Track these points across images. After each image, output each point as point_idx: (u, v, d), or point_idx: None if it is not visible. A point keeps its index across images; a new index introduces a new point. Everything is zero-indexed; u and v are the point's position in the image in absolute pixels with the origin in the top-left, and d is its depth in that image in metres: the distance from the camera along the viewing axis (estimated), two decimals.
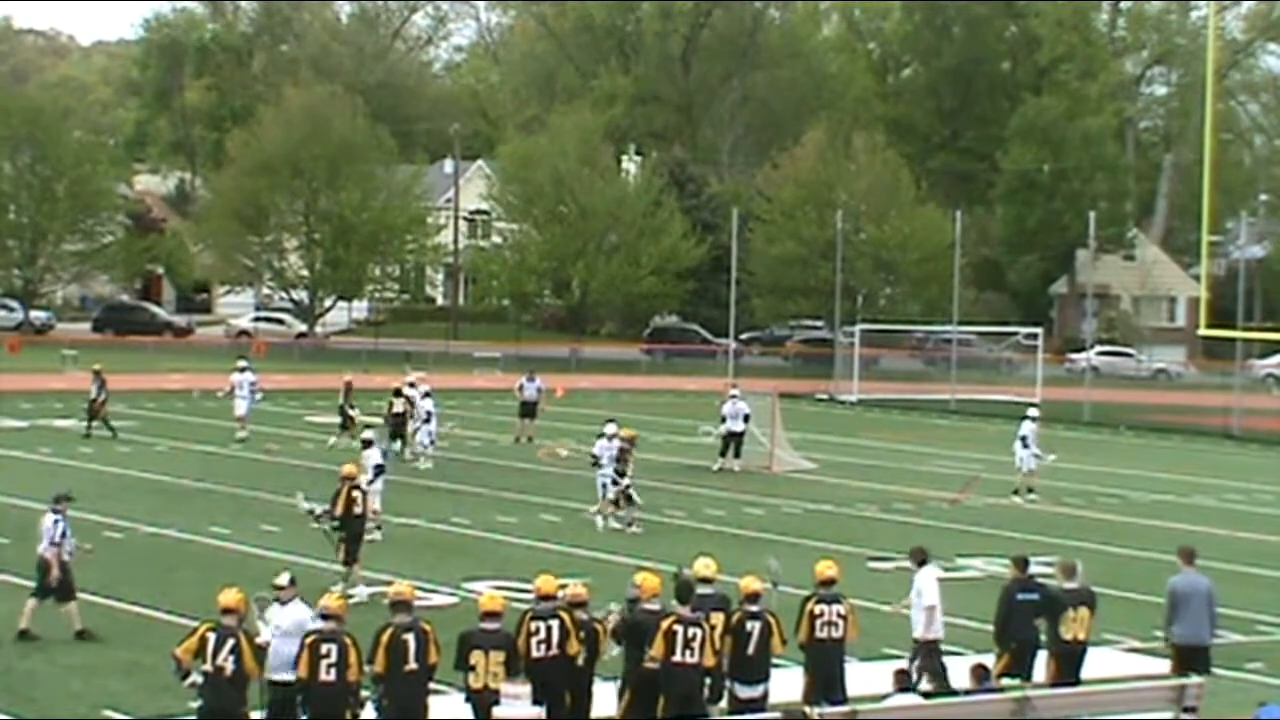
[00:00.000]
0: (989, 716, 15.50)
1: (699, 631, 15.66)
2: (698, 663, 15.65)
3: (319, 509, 23.85)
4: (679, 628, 15.63)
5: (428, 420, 38.01)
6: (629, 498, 30.43)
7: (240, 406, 41.48)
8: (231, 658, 14.71)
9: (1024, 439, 37.65)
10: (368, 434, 29.30)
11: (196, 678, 14.90)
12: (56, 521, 20.81)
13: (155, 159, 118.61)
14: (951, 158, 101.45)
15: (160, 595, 22.86)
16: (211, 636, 14.83)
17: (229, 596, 15.09)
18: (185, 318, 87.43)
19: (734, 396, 40.27)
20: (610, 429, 31.36)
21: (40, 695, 17.89)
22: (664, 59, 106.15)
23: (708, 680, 15.84)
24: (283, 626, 15.77)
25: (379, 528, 27.27)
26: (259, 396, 42.93)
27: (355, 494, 23.48)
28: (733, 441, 39.68)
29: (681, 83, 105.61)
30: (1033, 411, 39.26)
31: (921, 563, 18.71)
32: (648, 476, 37.93)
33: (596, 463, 30.98)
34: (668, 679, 15.63)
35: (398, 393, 39.21)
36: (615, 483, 30.31)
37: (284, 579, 16.24)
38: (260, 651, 15.17)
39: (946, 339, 72.61)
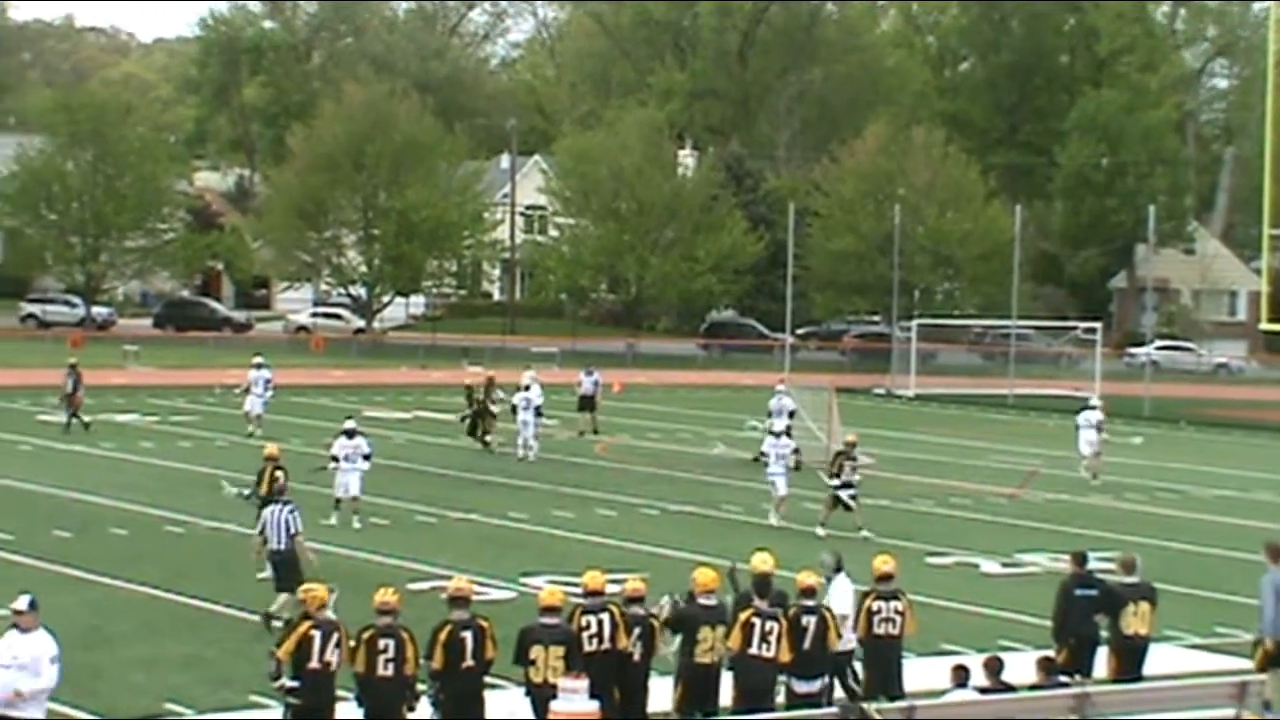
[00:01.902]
0: (1048, 712, 15.43)
1: (776, 625, 15.67)
2: (773, 656, 15.66)
3: (246, 491, 24.41)
4: (757, 620, 15.64)
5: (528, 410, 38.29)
6: (844, 503, 29.54)
7: (254, 404, 41.14)
8: (335, 652, 14.82)
9: (1078, 426, 39.74)
10: (349, 424, 29.73)
11: (288, 681, 14.90)
12: (293, 512, 21.11)
13: (215, 155, 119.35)
14: (1010, 152, 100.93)
15: (220, 590, 23.01)
16: (316, 635, 14.86)
17: (314, 593, 15.18)
18: (244, 313, 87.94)
19: (780, 392, 40.30)
20: (778, 425, 31.94)
21: (103, 689, 18.05)
22: (721, 54, 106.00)
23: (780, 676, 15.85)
24: (19, 658, 13.86)
25: (357, 513, 28.44)
26: (271, 393, 42.10)
27: (278, 474, 23.98)
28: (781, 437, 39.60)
29: (738, 78, 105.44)
30: (1094, 401, 40.87)
31: (836, 570, 17.82)
32: (704, 471, 38.01)
33: (760, 459, 31.01)
34: (742, 671, 15.65)
35: (489, 386, 40.77)
36: (840, 489, 29.52)
37: (23, 602, 14.09)
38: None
39: (1005, 334, 72.31)
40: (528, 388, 38.97)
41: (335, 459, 28.97)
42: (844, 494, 29.60)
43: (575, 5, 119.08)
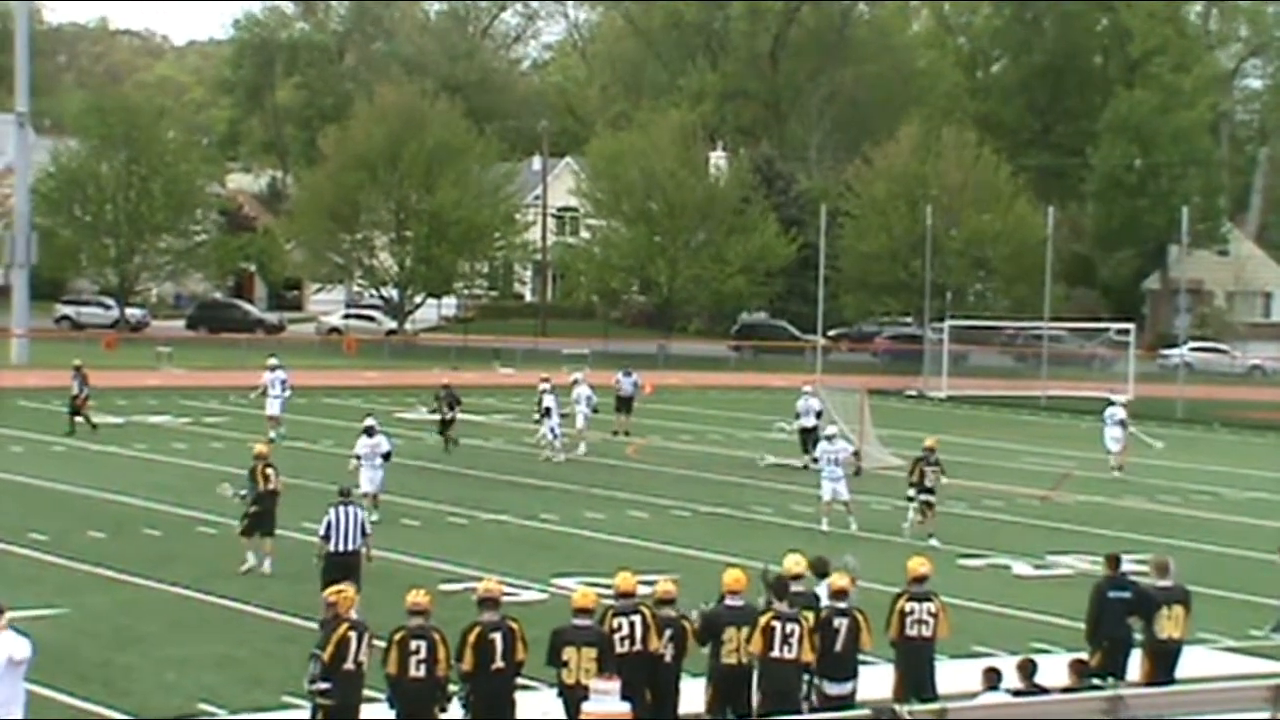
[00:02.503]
0: (1081, 715, 15.37)
1: (797, 627, 15.67)
2: (795, 658, 15.65)
3: (243, 491, 24.84)
4: (777, 623, 15.63)
5: (548, 415, 38.86)
6: (928, 506, 29.34)
7: (273, 406, 41.04)
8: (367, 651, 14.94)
9: (1122, 422, 40.88)
10: (368, 422, 30.13)
11: (323, 684, 14.92)
12: (357, 513, 21.12)
13: (247, 157, 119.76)
14: (1042, 153, 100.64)
15: (251, 590, 23.07)
16: (352, 636, 14.93)
17: (345, 594, 15.20)
18: (277, 315, 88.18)
19: (806, 393, 40.32)
20: (831, 430, 32.04)
21: (136, 688, 18.11)
22: (752, 55, 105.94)
23: (804, 676, 15.83)
24: None
25: (377, 507, 28.68)
26: (288, 394, 41.91)
27: (268, 471, 24.71)
28: (808, 437, 39.68)
29: (770, 79, 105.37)
30: (1118, 398, 42.91)
31: (821, 575, 17.47)
32: (735, 473, 37.98)
33: (812, 466, 31.21)
34: (765, 674, 15.64)
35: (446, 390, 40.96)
36: (921, 493, 29.38)
37: None
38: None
39: (1037, 335, 72.08)
40: (576, 383, 41.07)
41: (358, 458, 29.39)
42: (926, 498, 29.29)
43: (607, 7, 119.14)
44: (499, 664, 15.05)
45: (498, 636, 15.06)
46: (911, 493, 29.67)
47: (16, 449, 37.76)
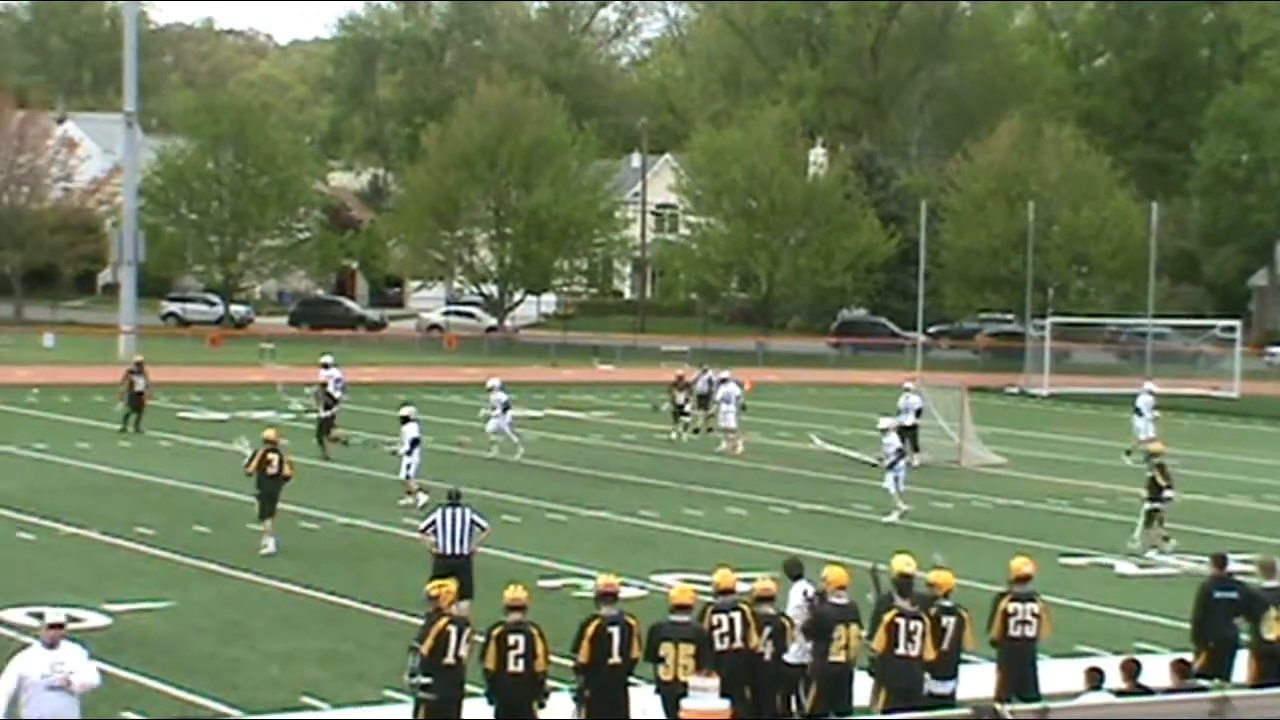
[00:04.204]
0: (1186, 716, 15.20)
1: (920, 624, 15.65)
2: (918, 655, 15.63)
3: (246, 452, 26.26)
4: (901, 621, 15.60)
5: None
6: (1151, 516, 28.60)
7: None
8: (466, 647, 15.04)
9: (1139, 410, 42.55)
10: (406, 410, 30.74)
11: (423, 678, 15.02)
12: (466, 515, 20.80)
13: (349, 155, 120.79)
14: (1147, 149, 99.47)
15: (354, 585, 23.29)
16: (452, 631, 15.02)
17: (446, 588, 15.31)
18: (378, 312, 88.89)
19: (907, 390, 40.13)
20: (885, 422, 32.36)
21: (242, 682, 18.34)
22: (853, 52, 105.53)
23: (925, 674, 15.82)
24: (29, 677, 13.33)
25: (410, 493, 29.82)
26: (345, 396, 40.78)
27: (271, 456, 25.55)
28: (907, 435, 39.46)
29: (870, 75, 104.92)
30: (1150, 385, 44.57)
31: (795, 577, 17.06)
32: (835, 470, 37.85)
33: (886, 463, 31.34)
34: (889, 672, 15.63)
35: (678, 383, 43.30)
36: (1156, 502, 28.73)
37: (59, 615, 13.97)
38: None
39: (1141, 332, 71.30)
40: (724, 381, 41.71)
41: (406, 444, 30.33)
42: (1156, 505, 28.59)
43: (707, 5, 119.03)
44: (615, 659, 15.09)
45: (615, 631, 15.10)
46: (1149, 504, 28.61)
47: (124, 444, 38.33)
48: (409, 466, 30.15)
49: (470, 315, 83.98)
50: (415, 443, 30.20)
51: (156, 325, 77.16)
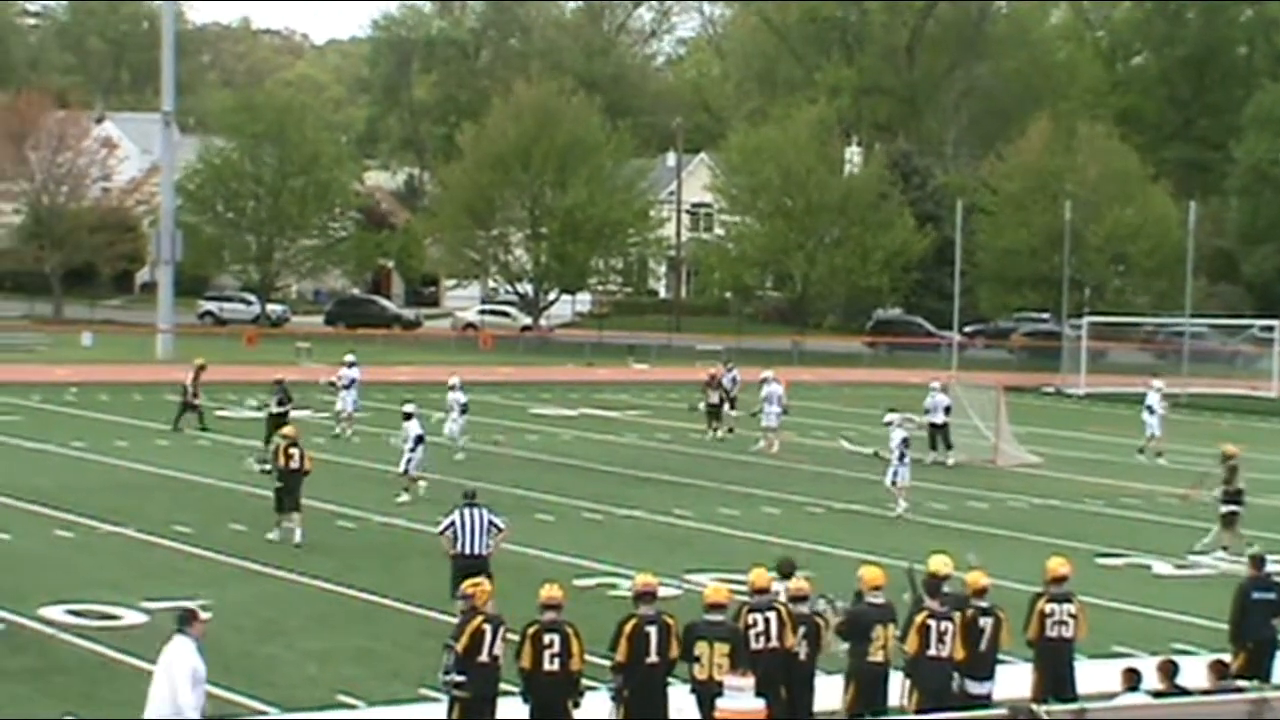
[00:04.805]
0: (1224, 717, 15.14)
1: (950, 625, 15.66)
2: (949, 656, 15.64)
3: (268, 465, 27.01)
4: (932, 622, 15.62)
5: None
6: (1227, 519, 28.55)
7: (347, 402, 40.49)
8: (501, 645, 15.07)
9: (1150, 408, 42.71)
10: (408, 407, 31.29)
11: (458, 676, 15.06)
12: (483, 515, 20.86)
13: (385, 155, 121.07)
14: (1184, 147, 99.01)
15: (390, 584, 23.36)
16: (487, 629, 15.05)
17: (481, 587, 15.33)
18: (414, 311, 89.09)
19: (934, 389, 40.03)
20: (892, 417, 32.34)
21: (278, 680, 18.42)
22: (888, 50, 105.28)
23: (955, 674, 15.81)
24: (174, 665, 14.01)
25: (407, 489, 30.39)
26: (353, 396, 41.06)
27: (292, 451, 26.25)
28: (937, 434, 39.38)
29: (906, 74, 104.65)
30: (1156, 383, 44.34)
31: (786, 576, 16.97)
32: (870, 470, 37.76)
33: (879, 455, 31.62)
34: (920, 673, 15.63)
35: (711, 382, 43.51)
36: (1230, 504, 28.64)
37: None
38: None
39: (1178, 332, 70.99)
40: (766, 380, 41.68)
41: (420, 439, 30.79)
42: (1232, 508, 28.47)
43: (742, 4, 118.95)
44: (653, 658, 15.11)
45: (653, 630, 15.12)
46: (1226, 507, 28.50)
47: (162, 442, 38.52)
48: (409, 462, 30.62)
49: (505, 314, 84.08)
50: (420, 439, 30.68)
51: (193, 324, 77.50)
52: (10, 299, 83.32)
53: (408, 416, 31.03)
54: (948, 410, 39.53)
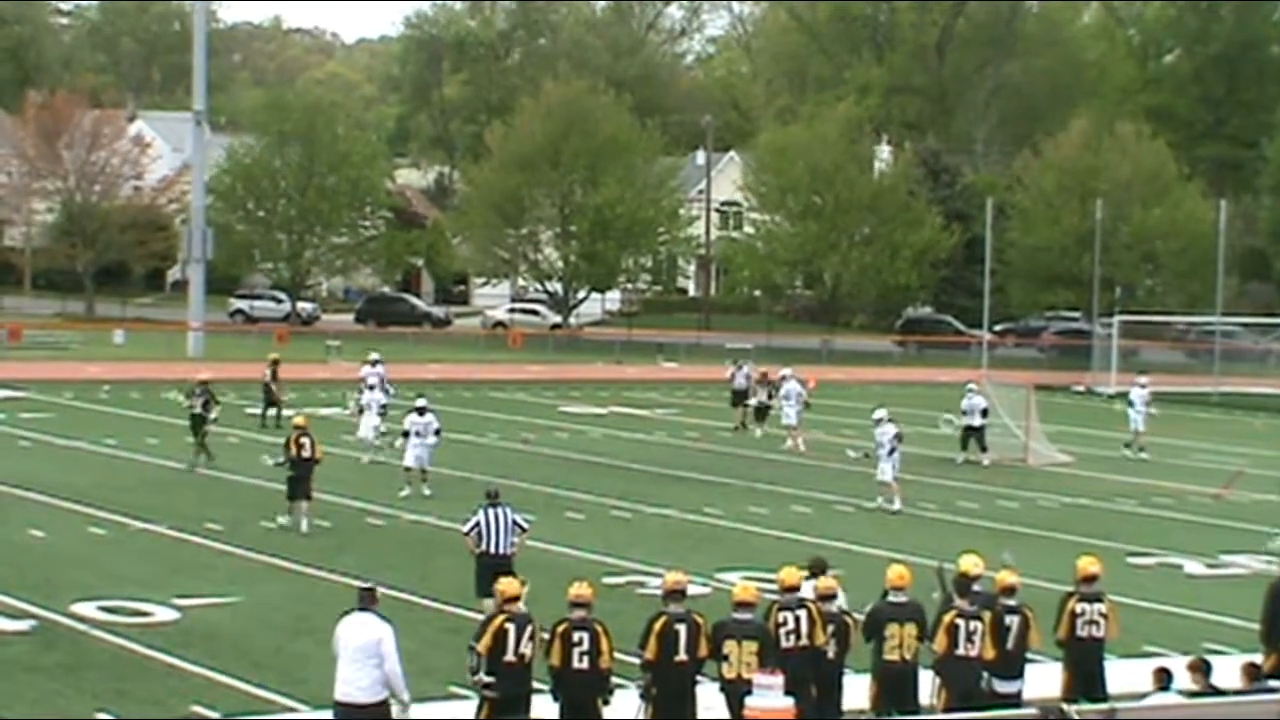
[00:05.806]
0: (1255, 717, 15.07)
1: (979, 625, 15.65)
2: (978, 656, 15.64)
3: (280, 459, 27.79)
4: (960, 621, 15.61)
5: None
6: None
7: (372, 406, 38.22)
8: (530, 644, 15.00)
9: (1132, 403, 42.81)
10: (420, 401, 31.64)
11: (485, 675, 15.03)
12: (508, 514, 20.76)
13: (415, 153, 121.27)
14: (1217, 146, 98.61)
15: (420, 581, 23.38)
16: (510, 628, 15.01)
17: (511, 586, 15.33)
18: (444, 309, 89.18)
19: (971, 391, 39.86)
20: (881, 413, 32.40)
21: (310, 676, 18.43)
22: (918, 49, 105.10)
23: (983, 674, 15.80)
24: (350, 647, 14.76)
25: (409, 483, 30.74)
26: (393, 391, 40.50)
27: (303, 440, 27.25)
28: (972, 435, 39.25)
29: (936, 72, 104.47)
30: (1142, 379, 44.25)
31: (812, 576, 16.87)
32: (900, 469, 37.67)
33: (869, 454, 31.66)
34: (949, 672, 15.62)
35: (763, 380, 43.88)
36: None
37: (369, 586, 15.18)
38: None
39: (1210, 330, 70.70)
40: (785, 378, 41.87)
41: (406, 434, 31.01)
42: None
43: (772, 3, 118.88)
44: (682, 656, 15.09)
45: (683, 628, 15.10)
46: None
47: (190, 439, 38.54)
48: (417, 458, 30.81)
49: (535, 313, 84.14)
50: (437, 432, 31.06)
51: (224, 322, 77.74)
52: (43, 297, 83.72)
53: (421, 411, 31.10)
54: (984, 413, 39.33)
